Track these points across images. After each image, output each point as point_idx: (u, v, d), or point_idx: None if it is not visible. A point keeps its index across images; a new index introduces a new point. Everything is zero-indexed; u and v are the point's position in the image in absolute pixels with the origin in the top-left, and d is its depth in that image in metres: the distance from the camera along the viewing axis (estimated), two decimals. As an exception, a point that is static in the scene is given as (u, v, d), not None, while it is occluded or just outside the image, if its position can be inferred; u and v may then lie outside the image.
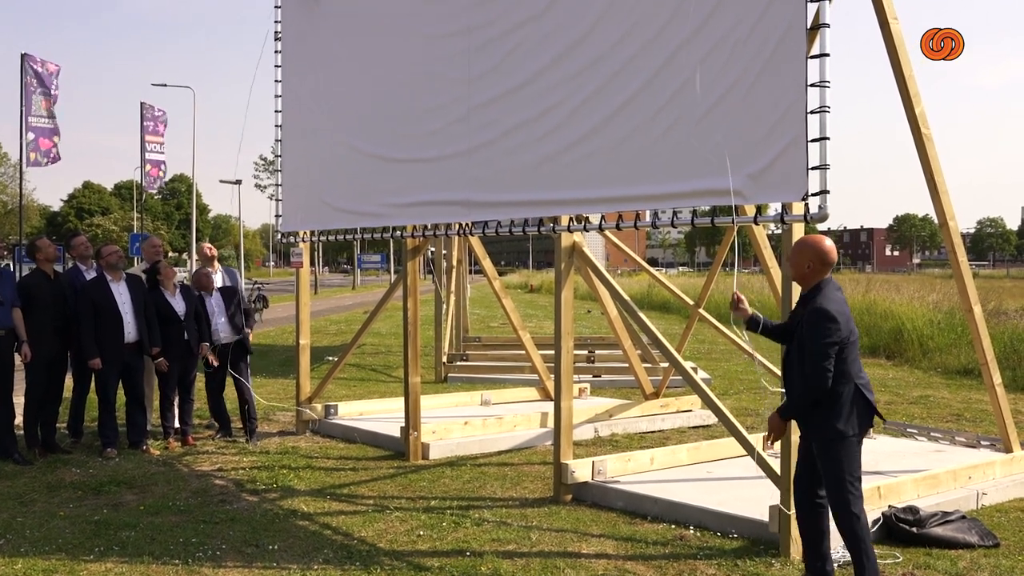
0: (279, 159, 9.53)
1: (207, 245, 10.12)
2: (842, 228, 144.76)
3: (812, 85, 4.81)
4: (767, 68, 5.02)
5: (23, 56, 22.53)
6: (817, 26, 4.89)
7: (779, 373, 6.47)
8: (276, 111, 9.38)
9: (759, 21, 5.06)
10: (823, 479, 4.62)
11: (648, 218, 5.81)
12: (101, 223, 76.51)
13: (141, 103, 28.53)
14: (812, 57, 4.85)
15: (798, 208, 5.08)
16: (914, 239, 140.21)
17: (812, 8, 4.88)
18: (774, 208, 5.34)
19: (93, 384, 8.51)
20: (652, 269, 12.36)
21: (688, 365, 7.22)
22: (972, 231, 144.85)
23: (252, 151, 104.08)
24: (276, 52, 9.31)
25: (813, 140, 4.82)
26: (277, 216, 9.61)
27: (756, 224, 5.81)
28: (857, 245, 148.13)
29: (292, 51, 9.12)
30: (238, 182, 37.82)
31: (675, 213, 5.61)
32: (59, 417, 8.59)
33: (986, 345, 7.17)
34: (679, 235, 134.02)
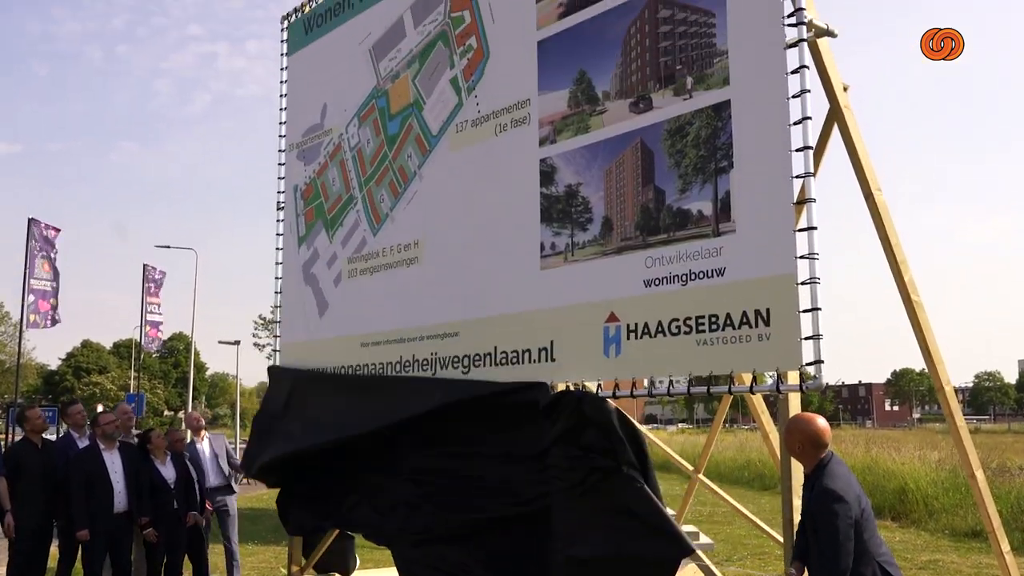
0: (277, 325, 9.63)
1: (195, 415, 10.11)
2: (840, 383, 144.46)
3: (801, 257, 4.93)
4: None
5: (30, 221, 23.27)
6: (803, 201, 5.06)
7: (781, 539, 6.30)
8: (276, 278, 9.56)
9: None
10: None
11: (644, 387, 5.81)
12: (99, 382, 76.31)
13: (144, 265, 29.20)
14: (800, 230, 4.99)
15: (793, 377, 5.09)
16: (913, 394, 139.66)
17: (797, 184, 5.06)
18: (770, 376, 5.36)
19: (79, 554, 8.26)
20: (650, 428, 12.22)
21: (688, 529, 7.04)
22: (970, 385, 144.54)
23: (252, 310, 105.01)
24: (279, 221, 9.58)
25: (805, 311, 4.88)
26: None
27: (752, 394, 5.81)
28: (856, 400, 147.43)
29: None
30: (236, 343, 37.99)
31: (671, 381, 5.61)
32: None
33: (991, 512, 7.00)
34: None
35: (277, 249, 9.59)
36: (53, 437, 9.43)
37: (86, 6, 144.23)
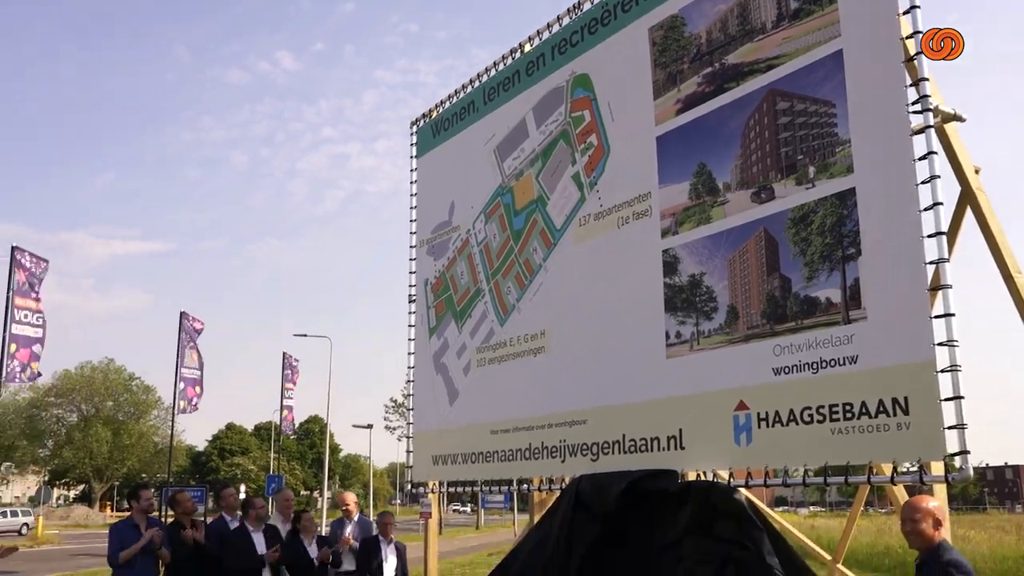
0: (411, 412, 9.79)
1: (352, 501, 10.04)
2: (984, 465, 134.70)
3: (939, 344, 4.71)
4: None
5: (181, 314, 24.85)
6: (938, 287, 4.86)
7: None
8: (409, 367, 9.77)
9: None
10: None
11: (778, 477, 5.59)
12: (241, 463, 78.98)
13: (283, 353, 30.26)
14: (936, 317, 4.78)
15: (937, 468, 4.82)
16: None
17: (930, 269, 4.87)
18: (911, 464, 5.08)
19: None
20: (781, 511, 11.68)
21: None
22: None
23: (383, 394, 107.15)
24: (410, 313, 9.84)
25: (947, 399, 4.64)
26: (408, 467, 9.74)
27: (893, 484, 5.52)
28: (1003, 483, 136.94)
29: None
30: (369, 426, 38.78)
31: (806, 471, 5.39)
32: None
33: None
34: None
35: (409, 340, 9.82)
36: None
37: (231, 115, 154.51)
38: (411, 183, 10.12)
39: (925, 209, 4.88)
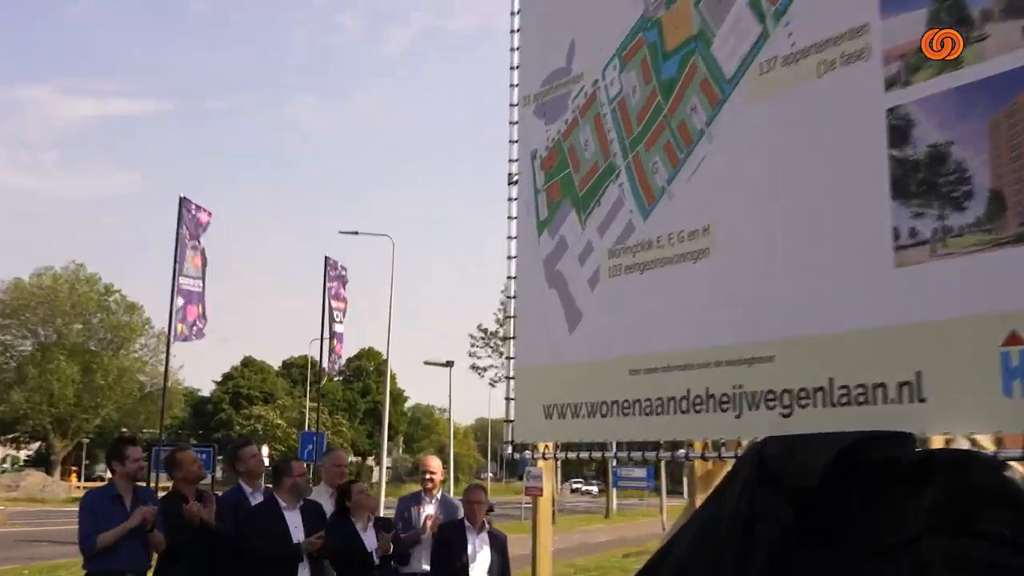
0: (511, 343, 10.09)
1: (439, 470, 10.34)
2: None
3: None
4: None
5: (181, 201, 24.60)
6: None
7: None
8: (509, 277, 10.02)
9: None
10: None
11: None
12: (263, 414, 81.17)
13: (325, 258, 30.80)
14: None
15: None
16: None
17: None
18: None
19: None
20: None
21: None
22: None
23: (467, 320, 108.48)
24: (510, 200, 10.06)
25: None
26: (507, 422, 10.04)
27: None
28: None
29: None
30: (449, 364, 39.27)
31: None
32: None
33: None
34: None
35: (509, 239, 10.02)
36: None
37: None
38: (512, 15, 10.20)
39: None
